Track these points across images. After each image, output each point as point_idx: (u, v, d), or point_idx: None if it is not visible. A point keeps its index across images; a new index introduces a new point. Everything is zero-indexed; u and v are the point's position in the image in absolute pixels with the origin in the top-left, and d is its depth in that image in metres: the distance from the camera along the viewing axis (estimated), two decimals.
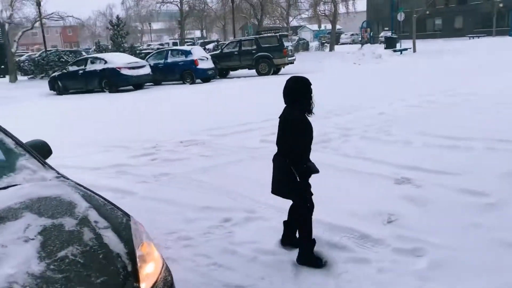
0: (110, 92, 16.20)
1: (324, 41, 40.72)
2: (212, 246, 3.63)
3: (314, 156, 3.32)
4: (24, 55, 31.82)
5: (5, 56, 21.74)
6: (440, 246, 3.38)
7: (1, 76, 24.18)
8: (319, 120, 8.39)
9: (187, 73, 17.69)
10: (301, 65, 22.04)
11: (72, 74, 16.96)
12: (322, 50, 37.79)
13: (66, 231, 1.95)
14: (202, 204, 4.45)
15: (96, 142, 7.64)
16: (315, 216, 3.95)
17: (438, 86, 11.97)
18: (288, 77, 3.31)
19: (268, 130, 7.68)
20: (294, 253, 3.40)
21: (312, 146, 6.33)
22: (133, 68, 16.44)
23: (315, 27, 57.44)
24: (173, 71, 17.84)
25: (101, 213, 2.14)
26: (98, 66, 16.44)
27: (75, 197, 2.23)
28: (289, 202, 3.47)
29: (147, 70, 16.97)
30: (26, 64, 23.11)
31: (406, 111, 8.79)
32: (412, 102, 9.65)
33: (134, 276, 1.88)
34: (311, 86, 3.20)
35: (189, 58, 17.72)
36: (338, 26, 46.97)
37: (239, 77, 20.36)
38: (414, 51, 28.05)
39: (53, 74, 18.09)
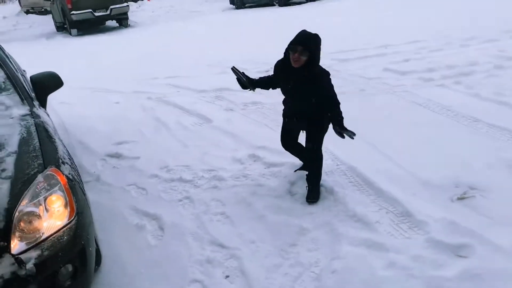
0: (279, 5, 15.99)
1: None
2: (235, 193, 3.35)
3: (437, 92, 2.39)
4: None
5: None
6: (499, 251, 2.36)
7: None
8: (478, 45, 6.69)
9: None
10: None
11: None
12: None
13: None
14: (261, 143, 4.11)
15: (225, 61, 7.72)
16: (372, 176, 3.28)
17: None
18: None
19: (402, 56, 6.54)
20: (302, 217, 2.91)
21: (444, 80, 5.29)
22: None
23: None
24: None
25: (19, 160, 2.12)
26: None
27: (11, 140, 2.24)
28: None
29: None
30: None
31: None
32: None
33: (4, 233, 1.84)
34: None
35: None
36: None
37: None
38: None
39: None
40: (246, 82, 3.12)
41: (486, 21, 8.15)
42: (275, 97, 5.44)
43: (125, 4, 14.82)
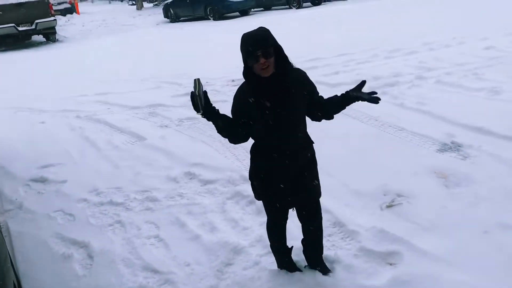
0: (214, 19, 16.06)
1: None
2: (169, 213, 3.26)
3: (365, 103, 2.05)
4: None
5: None
6: (424, 256, 2.47)
7: (133, 3, 25.94)
8: (401, 57, 7.09)
9: None
10: None
11: (182, 1, 17.14)
12: None
13: None
14: (196, 160, 4.04)
15: (159, 76, 7.60)
16: None
17: None
18: None
19: (332, 69, 6.74)
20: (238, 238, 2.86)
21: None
22: None
23: None
24: None
25: None
26: None
27: None
28: None
29: None
30: None
31: None
32: None
33: None
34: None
35: None
36: None
37: None
38: None
39: (166, 2, 18.54)
40: (202, 103, 2.05)
41: (407, 34, 8.68)
42: None
43: (52, 18, 14.17)
